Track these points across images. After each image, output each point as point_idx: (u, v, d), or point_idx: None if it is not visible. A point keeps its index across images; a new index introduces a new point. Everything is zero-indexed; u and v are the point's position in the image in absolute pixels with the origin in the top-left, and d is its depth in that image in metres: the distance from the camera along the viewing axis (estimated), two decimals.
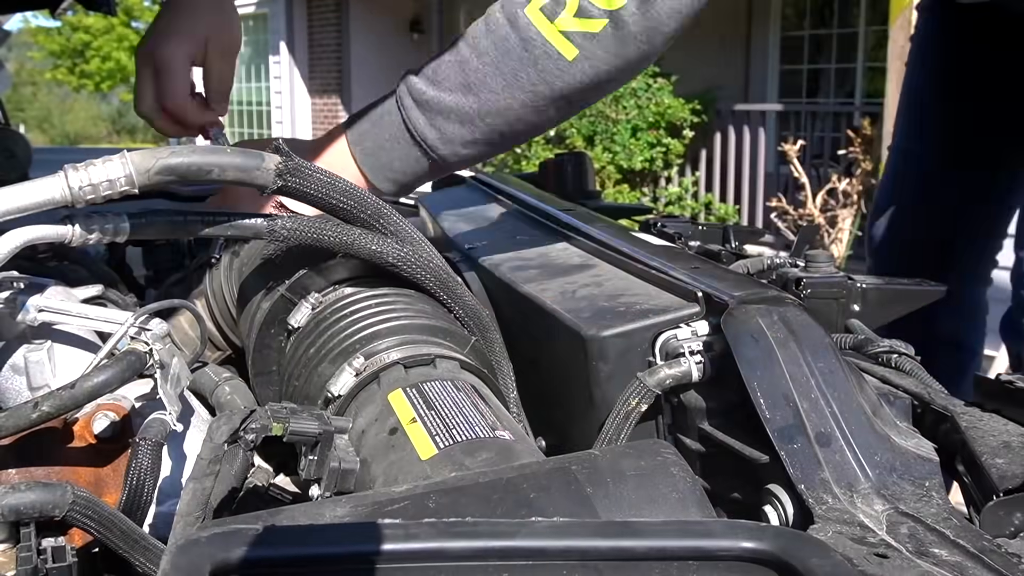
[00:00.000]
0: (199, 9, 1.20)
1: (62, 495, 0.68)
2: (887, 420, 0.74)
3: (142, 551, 0.72)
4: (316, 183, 0.87)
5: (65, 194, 0.80)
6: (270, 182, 0.85)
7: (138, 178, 0.81)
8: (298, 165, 0.86)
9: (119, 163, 0.81)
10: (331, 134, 1.18)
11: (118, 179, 0.80)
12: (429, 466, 0.67)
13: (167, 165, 0.81)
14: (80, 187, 0.79)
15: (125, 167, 0.80)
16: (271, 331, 0.96)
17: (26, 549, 0.67)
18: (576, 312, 0.87)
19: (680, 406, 0.81)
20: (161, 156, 0.82)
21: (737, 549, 0.48)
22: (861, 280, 1.04)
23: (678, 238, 1.28)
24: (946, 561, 0.57)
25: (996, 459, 0.69)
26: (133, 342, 0.83)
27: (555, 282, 0.96)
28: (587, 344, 0.82)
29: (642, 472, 0.59)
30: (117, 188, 0.81)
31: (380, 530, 0.48)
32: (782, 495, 0.68)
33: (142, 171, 0.81)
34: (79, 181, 0.79)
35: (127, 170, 0.80)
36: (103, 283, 1.03)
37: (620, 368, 0.82)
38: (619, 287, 0.92)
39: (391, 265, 0.91)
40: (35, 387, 0.86)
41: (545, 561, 0.48)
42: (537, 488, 0.57)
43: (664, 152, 7.08)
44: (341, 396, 0.82)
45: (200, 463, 0.69)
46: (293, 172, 0.85)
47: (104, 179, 0.80)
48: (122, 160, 0.81)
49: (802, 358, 0.73)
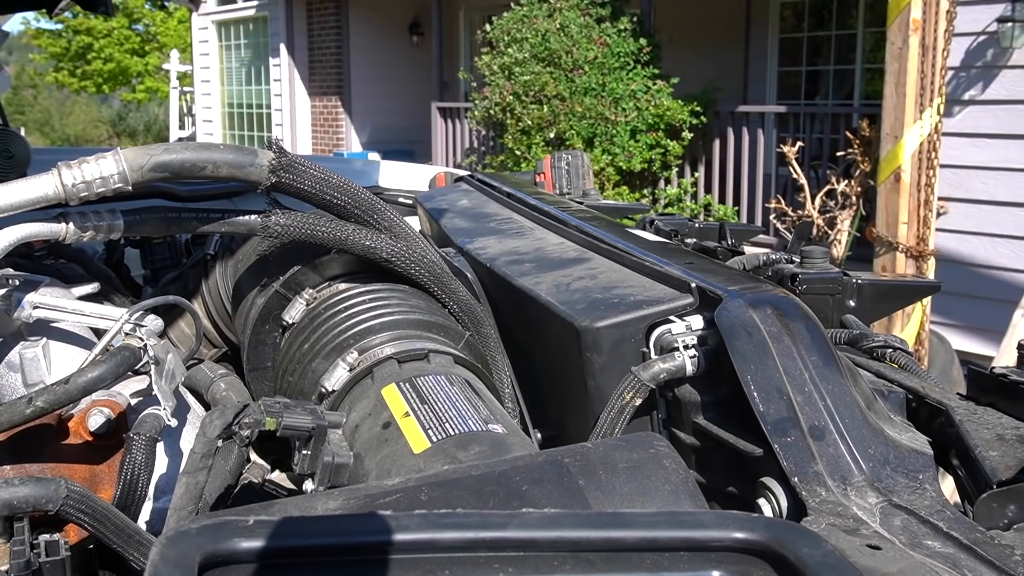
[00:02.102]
0: None
1: (55, 490, 0.68)
2: (881, 414, 0.74)
3: (136, 545, 0.72)
4: (310, 179, 0.87)
5: (59, 191, 0.80)
6: (264, 178, 0.85)
7: (131, 175, 0.81)
8: (292, 161, 0.86)
9: (112, 160, 0.81)
10: None
11: (111, 176, 0.80)
12: (422, 459, 0.67)
13: (160, 162, 0.81)
14: (74, 184, 0.79)
15: (118, 164, 0.80)
16: (266, 327, 0.96)
17: (19, 543, 0.67)
18: (570, 303, 0.87)
19: (674, 400, 0.81)
20: (154, 153, 0.82)
21: (728, 540, 0.48)
22: (856, 276, 1.04)
23: (674, 235, 1.28)
24: (939, 553, 0.57)
25: (990, 452, 0.69)
26: (128, 338, 0.83)
27: (550, 275, 0.97)
28: (581, 335, 0.82)
29: (634, 464, 0.59)
30: (111, 185, 0.81)
31: (370, 522, 0.48)
32: (776, 488, 0.68)
33: (135, 168, 0.81)
34: (72, 178, 0.79)
35: (120, 167, 0.80)
36: (99, 281, 1.03)
37: (614, 359, 0.82)
38: (613, 279, 0.93)
39: (385, 260, 0.91)
40: (30, 383, 0.86)
41: (536, 552, 0.47)
42: (529, 481, 0.57)
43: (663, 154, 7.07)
44: (335, 391, 0.82)
45: (193, 457, 0.69)
46: (287, 168, 0.85)
47: (97, 176, 0.80)
48: (115, 157, 0.81)
49: (796, 352, 0.73)
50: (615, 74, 6.92)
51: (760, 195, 6.75)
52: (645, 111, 7.07)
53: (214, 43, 13.13)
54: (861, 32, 7.79)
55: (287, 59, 11.80)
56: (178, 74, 14.54)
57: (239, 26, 12.63)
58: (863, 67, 7.73)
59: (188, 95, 14.46)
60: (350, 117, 11.52)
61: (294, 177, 0.86)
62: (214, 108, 13.54)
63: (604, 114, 7.02)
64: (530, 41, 6.98)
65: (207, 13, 13.01)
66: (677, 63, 6.93)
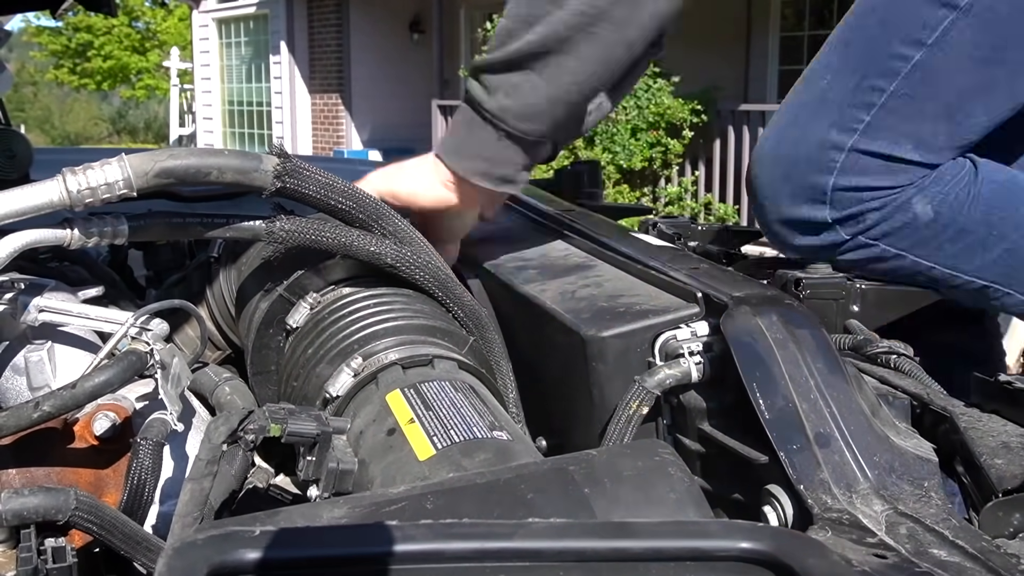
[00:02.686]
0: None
1: (65, 500, 0.69)
2: (886, 421, 0.74)
3: (144, 552, 0.72)
4: (314, 184, 0.87)
5: (63, 198, 0.79)
6: (268, 183, 0.85)
7: (136, 181, 0.81)
8: (296, 167, 0.86)
9: (117, 166, 0.81)
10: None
11: (116, 182, 0.80)
12: (427, 467, 0.67)
13: (165, 168, 0.81)
14: (78, 191, 0.79)
15: (123, 170, 0.80)
16: (269, 331, 0.96)
17: (26, 550, 0.67)
18: (575, 312, 0.87)
19: (680, 407, 0.81)
20: (159, 159, 0.82)
21: (734, 549, 0.48)
22: (860, 281, 1.04)
23: (677, 238, 1.28)
24: (945, 562, 0.57)
25: (995, 459, 0.69)
26: (134, 342, 0.83)
27: (555, 283, 0.96)
28: (586, 345, 0.82)
29: (640, 473, 0.59)
30: (116, 191, 0.80)
31: (376, 532, 0.48)
32: (781, 496, 0.68)
33: (140, 174, 0.81)
34: (77, 185, 0.79)
35: (125, 173, 0.80)
36: (104, 284, 1.03)
37: (619, 368, 0.82)
38: (619, 288, 0.92)
39: (389, 266, 0.91)
40: (35, 387, 0.86)
41: (542, 562, 0.47)
42: (535, 489, 0.57)
43: (664, 152, 7.09)
44: (339, 397, 0.82)
45: (198, 463, 0.69)
46: (291, 173, 0.85)
47: (102, 182, 0.80)
48: (120, 163, 0.81)
49: (801, 359, 0.73)
50: None
51: None
52: (646, 109, 7.07)
53: (214, 40, 13.14)
54: None
55: (287, 57, 11.81)
56: (178, 72, 14.55)
57: (240, 23, 12.63)
58: None
59: (188, 93, 14.47)
60: (351, 115, 11.52)
61: (299, 182, 0.86)
62: (214, 106, 13.55)
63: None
64: None
65: (208, 11, 13.01)
66: (678, 62, 6.93)
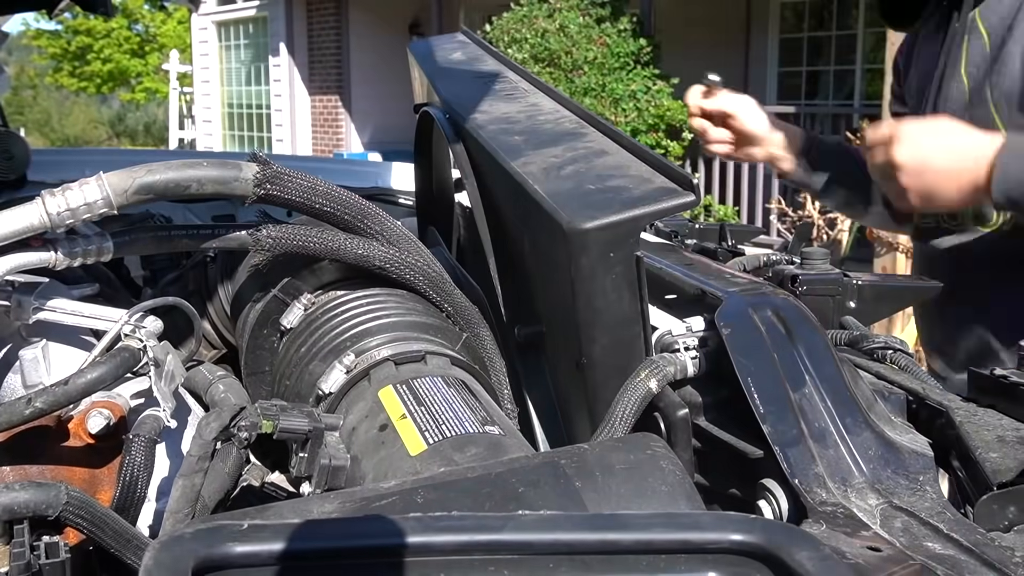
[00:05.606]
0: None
1: (56, 495, 0.68)
2: (882, 415, 0.74)
3: (134, 549, 0.72)
4: (297, 189, 0.86)
5: (44, 220, 0.79)
6: (250, 192, 0.85)
7: (116, 199, 0.81)
8: (277, 172, 0.85)
9: (96, 185, 0.80)
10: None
11: (96, 201, 0.80)
12: (419, 462, 0.67)
13: (144, 184, 0.81)
14: (58, 212, 0.79)
15: (102, 189, 0.80)
16: (264, 331, 0.96)
17: (19, 545, 0.67)
18: (558, 197, 0.80)
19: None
20: (138, 175, 0.81)
21: (725, 542, 0.47)
22: (856, 277, 1.04)
23: (674, 236, 1.28)
24: (939, 555, 0.57)
25: (990, 453, 0.69)
26: (127, 339, 0.83)
27: (540, 154, 0.89)
28: (568, 237, 0.76)
29: (631, 466, 0.59)
30: (95, 211, 0.80)
31: (366, 525, 0.48)
32: (776, 490, 0.68)
33: (119, 192, 0.81)
34: (57, 206, 0.79)
35: (104, 192, 0.80)
36: (99, 282, 1.03)
37: (602, 260, 0.76)
38: (609, 164, 0.85)
39: (378, 268, 0.91)
40: (30, 384, 0.86)
41: (532, 555, 0.47)
42: (526, 483, 0.57)
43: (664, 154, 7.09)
44: (332, 393, 0.81)
45: (189, 460, 0.69)
46: (272, 180, 0.85)
47: (82, 203, 0.79)
48: (99, 182, 0.80)
49: (797, 354, 0.73)
50: (615, 74, 6.91)
51: (760, 195, 6.74)
52: (645, 111, 7.07)
53: (214, 43, 13.14)
54: (861, 32, 7.79)
55: (287, 59, 11.80)
56: (178, 74, 14.55)
57: (239, 26, 12.63)
58: (863, 67, 7.72)
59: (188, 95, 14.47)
60: (350, 117, 11.51)
61: (280, 188, 0.86)
62: (214, 108, 13.55)
63: (604, 115, 7.01)
64: (530, 41, 6.97)
65: (207, 13, 13.01)
66: (677, 63, 6.93)
